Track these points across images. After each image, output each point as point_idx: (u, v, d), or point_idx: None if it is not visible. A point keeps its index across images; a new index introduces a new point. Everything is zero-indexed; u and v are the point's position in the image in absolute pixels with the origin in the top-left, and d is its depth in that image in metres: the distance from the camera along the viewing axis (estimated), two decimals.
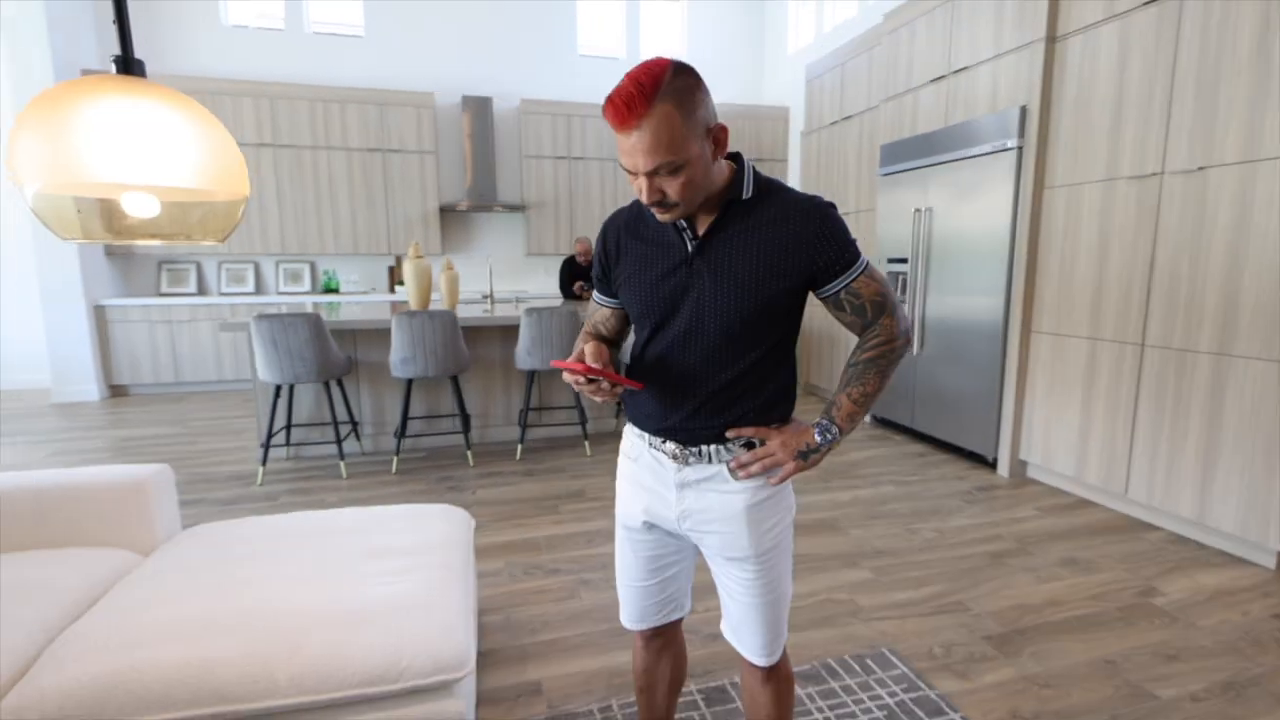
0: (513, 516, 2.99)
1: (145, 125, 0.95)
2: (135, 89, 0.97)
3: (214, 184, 0.93)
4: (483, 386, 4.12)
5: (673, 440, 1.10)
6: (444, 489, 3.35)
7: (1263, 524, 2.41)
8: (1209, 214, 2.51)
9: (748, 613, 1.14)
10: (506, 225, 6.66)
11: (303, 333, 3.23)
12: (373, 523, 1.85)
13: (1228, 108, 2.42)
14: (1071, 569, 2.47)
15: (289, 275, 6.27)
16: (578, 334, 3.70)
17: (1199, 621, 2.12)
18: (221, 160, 0.97)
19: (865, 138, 4.55)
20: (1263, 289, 2.36)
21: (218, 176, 0.95)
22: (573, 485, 3.40)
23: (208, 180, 0.94)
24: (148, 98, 0.96)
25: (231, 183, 0.96)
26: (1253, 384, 2.40)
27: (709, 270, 1.04)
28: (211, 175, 0.94)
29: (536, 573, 2.46)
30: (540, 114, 6.26)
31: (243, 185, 0.98)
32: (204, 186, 0.93)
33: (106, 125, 0.93)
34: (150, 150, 0.94)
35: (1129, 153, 2.78)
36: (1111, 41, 2.82)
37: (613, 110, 0.91)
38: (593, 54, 6.66)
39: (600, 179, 6.54)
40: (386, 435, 3.97)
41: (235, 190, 0.97)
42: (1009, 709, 1.72)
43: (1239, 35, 2.37)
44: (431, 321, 3.39)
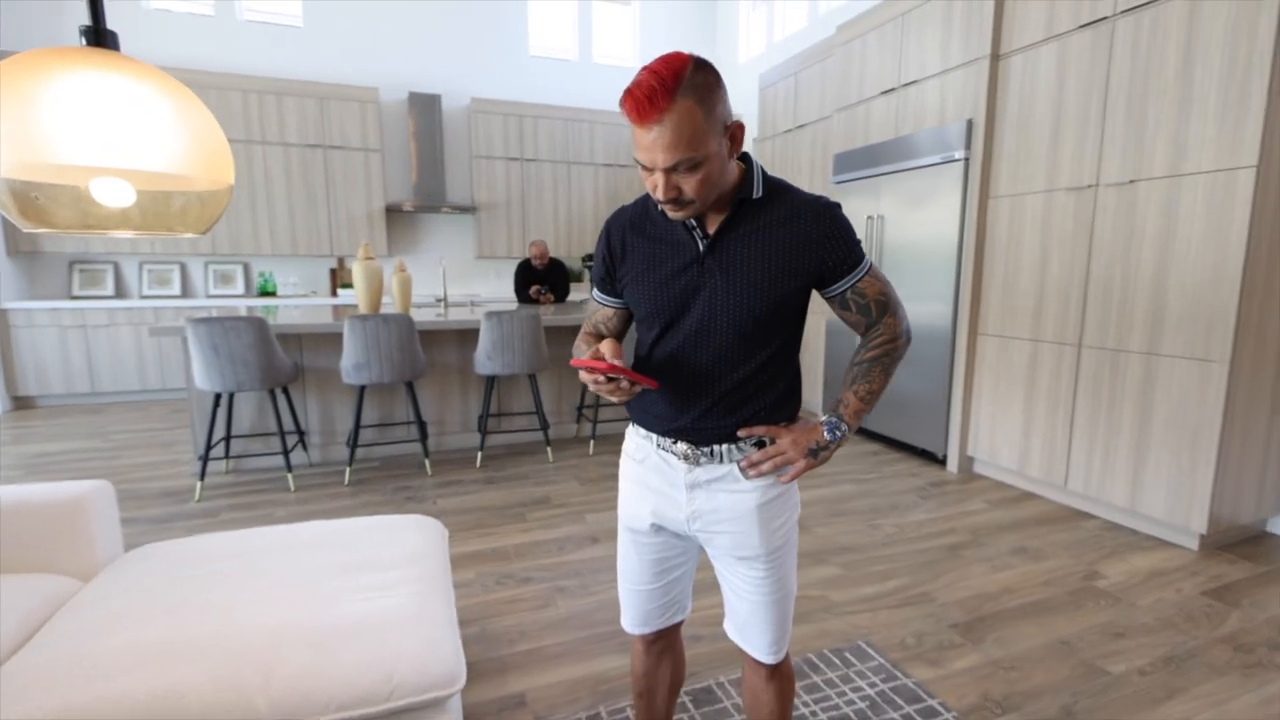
0: (478, 526, 2.90)
1: (119, 103, 0.86)
2: (108, 63, 0.88)
3: (196, 170, 0.86)
4: (439, 393, 3.99)
5: (684, 441, 1.09)
6: (402, 499, 3.22)
7: (1187, 509, 2.61)
8: (1139, 224, 2.71)
9: (756, 611, 1.14)
10: (456, 227, 6.49)
11: (246, 337, 3.04)
12: (341, 536, 1.76)
13: (1155, 125, 2.62)
14: (1022, 557, 2.61)
15: (220, 277, 5.91)
16: (539, 338, 3.65)
17: (1138, 601, 2.27)
18: (204, 144, 0.89)
19: (819, 146, 4.69)
20: (1186, 294, 2.56)
21: (200, 162, 0.87)
22: (537, 492, 3.34)
23: (189, 166, 0.86)
24: (122, 73, 0.88)
25: (215, 169, 0.89)
26: (1178, 381, 2.60)
27: (721, 269, 1.04)
28: (193, 160, 0.86)
29: (509, 582, 2.40)
30: (491, 113, 6.15)
31: (227, 172, 0.91)
32: (185, 172, 0.85)
33: (75, 101, 0.85)
34: (125, 131, 0.86)
35: (1067, 165, 2.97)
36: (1051, 61, 3.01)
37: (632, 103, 0.90)
38: (544, 55, 6.60)
39: (553, 181, 6.48)
40: (336, 445, 3.79)
41: (219, 177, 0.90)
42: (980, 693, 1.79)
43: (1165, 57, 2.57)
44: (387, 325, 3.26)
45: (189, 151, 0.87)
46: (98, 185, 0.88)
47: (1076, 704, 1.74)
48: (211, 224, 0.95)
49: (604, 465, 3.78)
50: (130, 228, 0.90)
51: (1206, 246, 2.49)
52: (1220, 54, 2.41)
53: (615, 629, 2.09)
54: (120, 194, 0.89)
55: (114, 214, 0.89)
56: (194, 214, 0.93)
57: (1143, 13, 2.65)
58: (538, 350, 3.67)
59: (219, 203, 0.95)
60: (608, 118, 6.58)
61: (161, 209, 0.92)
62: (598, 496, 3.27)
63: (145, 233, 0.92)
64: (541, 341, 3.68)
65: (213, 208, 0.94)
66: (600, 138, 6.60)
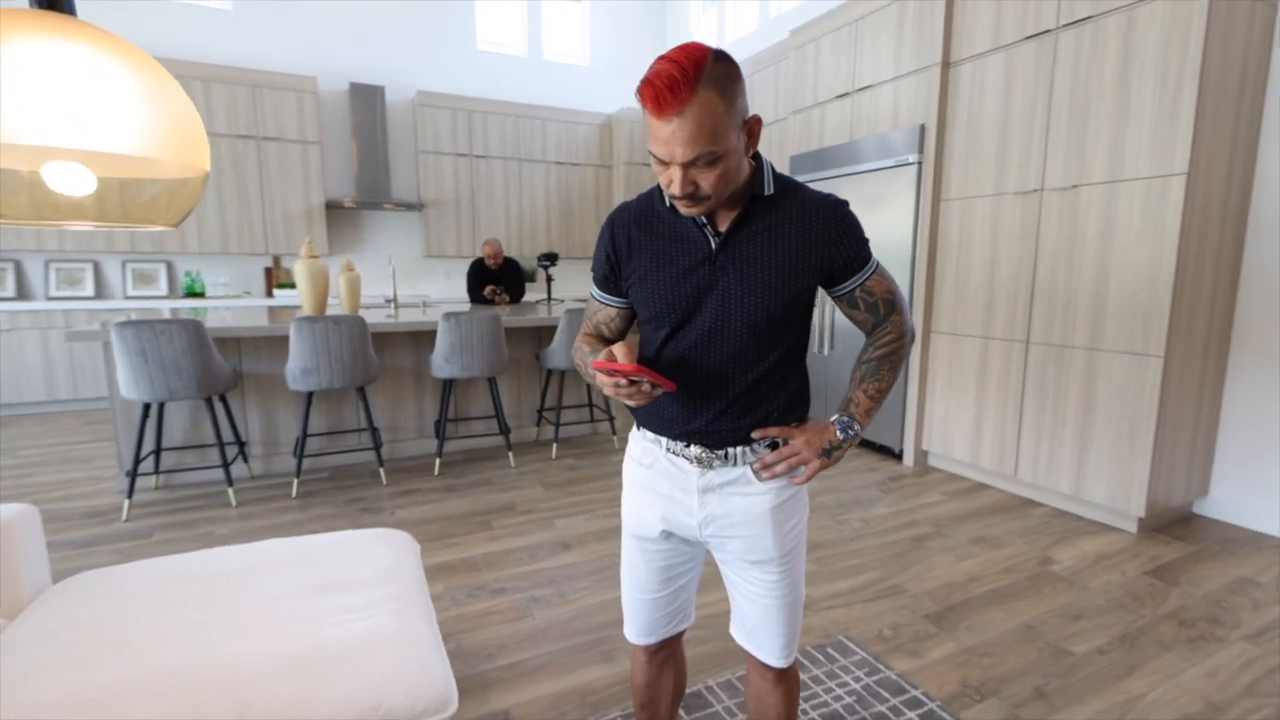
0: (442, 536, 2.78)
1: (77, 74, 0.76)
2: (64, 28, 0.77)
3: (167, 153, 0.76)
4: (392, 398, 3.82)
5: (697, 444, 1.06)
6: (357, 511, 3.06)
7: (1127, 495, 2.77)
8: (1081, 227, 2.86)
9: (769, 615, 1.12)
10: (402, 225, 6.25)
11: (180, 342, 2.82)
12: (306, 555, 1.64)
13: (1095, 133, 2.78)
14: (982, 546, 2.71)
15: (139, 277, 5.48)
16: (499, 340, 3.55)
17: (1089, 584, 2.40)
18: (176, 124, 0.79)
19: (774, 148, 4.75)
20: (1124, 292, 2.72)
21: (172, 144, 0.77)
22: (501, 499, 3.24)
23: (159, 148, 0.76)
24: (80, 40, 0.77)
25: (189, 153, 0.79)
26: (1118, 374, 2.77)
27: (735, 267, 1.01)
28: (164, 142, 0.76)
29: (481, 594, 2.31)
30: (439, 107, 5.95)
31: (202, 157, 0.81)
32: (154, 156, 0.75)
33: (25, 71, 0.73)
34: (84, 106, 0.75)
35: (1014, 170, 3.11)
36: (998, 70, 3.14)
37: (653, 94, 0.86)
38: (493, 50, 6.44)
39: (504, 179, 6.33)
40: (280, 456, 3.57)
41: (193, 162, 0.80)
42: (959, 680, 1.84)
43: (1104, 70, 2.73)
44: (338, 328, 3.09)
45: (159, 132, 0.76)
46: (52, 170, 0.77)
47: (1048, 685, 1.81)
48: (184, 215, 0.85)
49: (568, 469, 3.71)
50: (89, 219, 0.79)
51: (1142, 248, 2.65)
52: (1153, 69, 2.57)
53: (597, 638, 2.04)
54: (78, 180, 0.78)
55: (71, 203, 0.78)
56: (164, 204, 0.83)
57: (1083, 27, 2.80)
58: (498, 352, 3.56)
59: (193, 192, 0.84)
60: (560, 115, 6.49)
61: (127, 198, 0.81)
62: (565, 501, 3.20)
63: (107, 225, 0.81)
64: (502, 343, 3.58)
65: (186, 197, 0.84)
66: (552, 135, 6.50)
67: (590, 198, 6.81)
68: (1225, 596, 2.29)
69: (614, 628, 2.09)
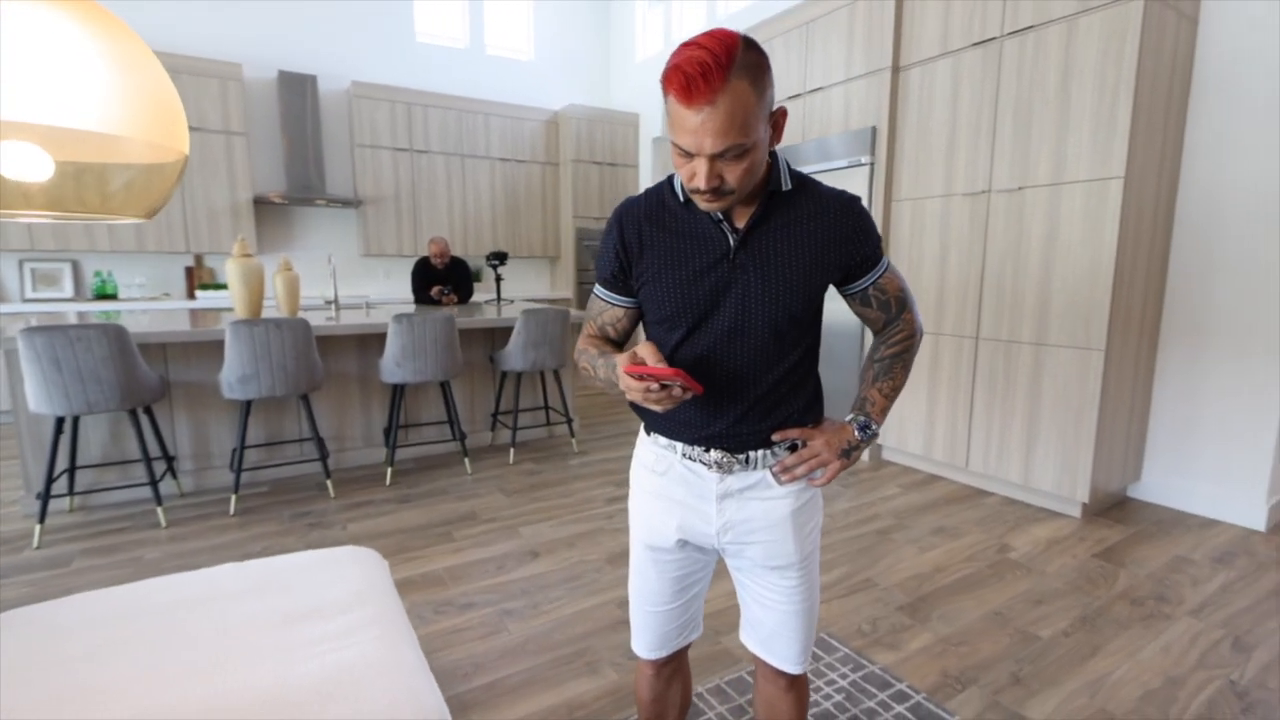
0: (400, 550, 2.63)
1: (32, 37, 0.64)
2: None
3: (139, 131, 0.64)
4: (336, 405, 3.60)
5: (718, 448, 1.02)
6: (304, 527, 2.86)
7: (1072, 482, 2.92)
8: (1026, 227, 2.99)
9: (787, 621, 1.08)
10: (337, 222, 5.93)
11: (100, 349, 2.55)
12: (265, 580, 1.50)
13: (1039, 137, 2.91)
14: (942, 536, 2.79)
15: (40, 278, 4.97)
16: (454, 342, 3.40)
17: (1045, 568, 2.51)
18: (151, 98, 0.68)
19: None
20: (1067, 289, 2.86)
21: (146, 121, 0.66)
22: (460, 508, 3.10)
23: (129, 124, 0.65)
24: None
25: (165, 132, 0.68)
26: (1063, 368, 2.91)
27: (755, 265, 0.97)
28: (135, 118, 0.65)
29: (449, 610, 2.19)
30: (376, 99, 5.68)
31: (180, 137, 0.70)
32: (124, 133, 0.64)
33: None
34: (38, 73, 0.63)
35: (962, 172, 3.23)
36: (946, 75, 3.25)
37: (683, 81, 0.81)
38: (432, 41, 6.20)
39: (446, 175, 6.11)
40: (213, 470, 3.30)
41: (170, 143, 0.69)
42: (939, 670, 1.87)
43: (1046, 77, 2.86)
44: (279, 332, 2.88)
45: (129, 105, 0.65)
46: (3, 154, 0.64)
47: (1022, 670, 1.87)
48: (160, 204, 0.73)
49: (528, 474, 3.60)
50: (47, 208, 0.67)
51: (1084, 247, 2.80)
52: (1092, 77, 2.71)
53: (578, 649, 1.96)
54: (31, 163, 0.65)
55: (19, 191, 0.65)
56: (137, 192, 0.70)
57: (1026, 36, 2.92)
58: (452, 355, 3.42)
59: (168, 178, 0.72)
60: (504, 110, 6.32)
61: (90, 185, 0.68)
62: (528, 508, 3.10)
63: (68, 216, 0.69)
64: (456, 345, 3.43)
65: (161, 184, 0.72)
66: (496, 130, 6.32)
67: (536, 195, 6.67)
68: (1167, 575, 2.44)
69: (595, 637, 2.03)
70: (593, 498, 3.23)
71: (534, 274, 7.12)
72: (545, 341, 3.71)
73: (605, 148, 6.63)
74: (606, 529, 2.85)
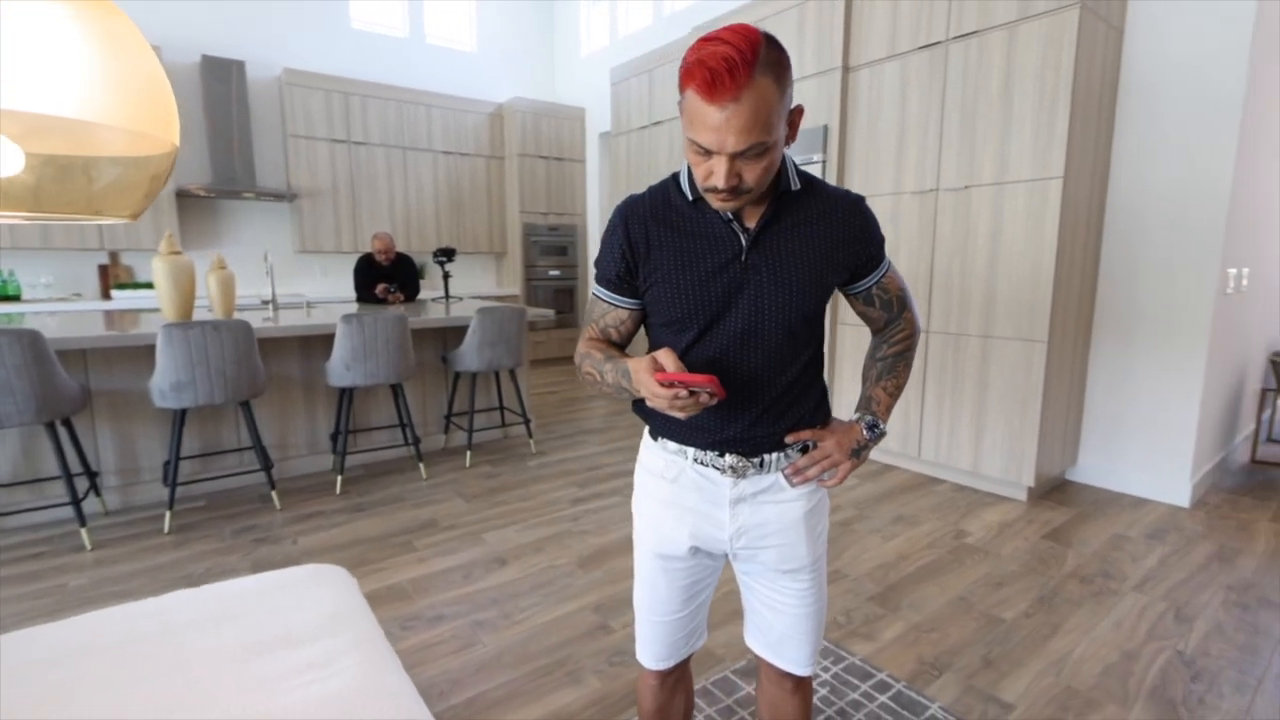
0: (359, 563, 2.50)
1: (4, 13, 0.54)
2: None
3: (127, 120, 0.56)
4: (279, 411, 3.39)
5: (732, 452, 0.99)
6: (249, 543, 2.67)
7: (1018, 467, 3.07)
8: (973, 225, 3.12)
9: (798, 624, 1.07)
10: (269, 216, 5.59)
11: (12, 357, 2.30)
12: (224, 607, 1.38)
13: (984, 138, 3.03)
14: (902, 525, 2.88)
15: None
16: (406, 342, 3.25)
17: (1000, 551, 2.62)
18: (139, 82, 0.58)
19: (677, 144, 4.77)
20: (1012, 284, 3.00)
21: (132, 110, 0.57)
22: (420, 515, 2.97)
23: (115, 112, 0.56)
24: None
25: (155, 120, 0.59)
26: (1009, 359, 3.05)
27: (767, 265, 0.95)
28: (120, 104, 0.56)
29: (417, 625, 2.09)
30: (310, 88, 5.38)
31: (170, 128, 0.61)
32: (107, 120, 0.55)
33: None
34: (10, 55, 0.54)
35: (911, 171, 3.33)
36: (895, 76, 3.34)
37: (708, 77, 0.78)
38: (369, 29, 5.93)
39: (387, 168, 5.86)
40: (141, 485, 3.04)
41: (160, 134, 0.59)
42: (915, 657, 1.92)
43: (990, 81, 2.98)
44: (218, 335, 2.67)
45: (114, 91, 0.56)
46: None
47: (991, 653, 1.94)
48: (146, 203, 0.64)
49: (486, 478, 3.49)
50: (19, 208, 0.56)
51: (1027, 244, 2.93)
52: (1033, 81, 2.84)
53: (558, 658, 1.91)
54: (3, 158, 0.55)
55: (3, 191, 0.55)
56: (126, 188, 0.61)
57: (970, 40, 3.04)
58: (405, 356, 3.27)
59: (157, 172, 0.63)
60: (446, 101, 6.11)
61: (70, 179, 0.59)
62: (490, 513, 3.01)
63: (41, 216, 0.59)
64: (409, 346, 3.29)
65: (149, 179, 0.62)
66: (439, 123, 6.11)
67: (482, 190, 6.50)
68: (1109, 552, 2.59)
69: (573, 645, 1.98)
70: (556, 500, 3.17)
71: (480, 270, 6.94)
72: (502, 340, 3.61)
73: (552, 142, 6.51)
74: (573, 531, 2.80)
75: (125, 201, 0.61)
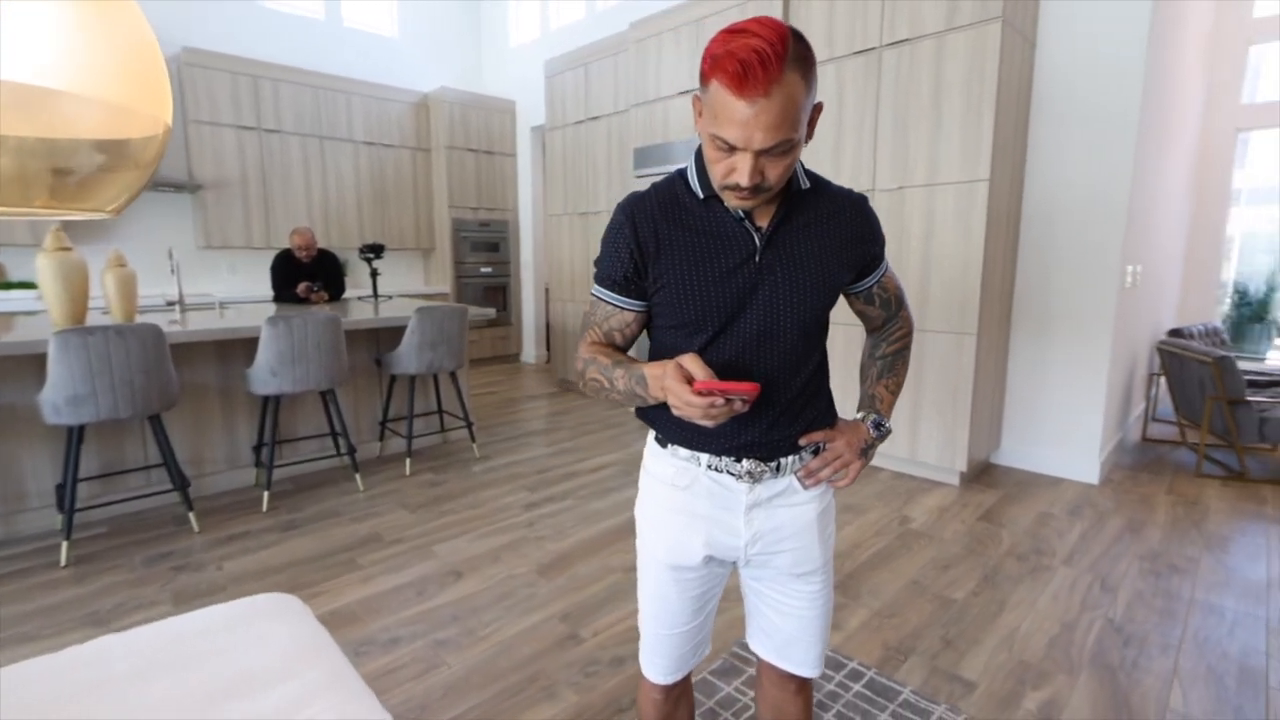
0: (298, 586, 2.31)
1: None
2: None
3: (109, 91, 0.46)
4: (192, 423, 3.09)
5: (750, 457, 0.97)
6: (166, 572, 2.41)
7: (952, 453, 3.25)
8: (907, 224, 3.26)
9: (808, 627, 1.07)
10: (169, 209, 5.09)
11: None
12: (165, 650, 1.23)
13: (916, 141, 3.17)
14: (851, 514, 2.98)
15: None
16: (340, 345, 3.04)
17: (942, 535, 2.76)
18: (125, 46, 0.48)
19: (615, 139, 4.72)
20: (945, 281, 3.16)
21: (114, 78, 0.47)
22: (360, 530, 2.79)
23: (92, 81, 0.46)
24: None
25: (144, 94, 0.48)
26: (942, 352, 3.22)
27: (781, 265, 0.94)
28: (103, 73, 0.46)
29: (372, 650, 1.95)
30: (214, 69, 4.93)
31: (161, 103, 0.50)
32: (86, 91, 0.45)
33: None
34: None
35: (848, 171, 3.44)
36: (831, 80, 3.44)
37: (738, 69, 0.75)
38: (281, 9, 5.51)
39: (304, 158, 5.47)
40: (26, 514, 2.69)
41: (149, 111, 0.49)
42: (881, 644, 1.98)
43: (921, 86, 3.12)
44: (123, 341, 2.39)
45: (88, 53, 0.46)
46: None
47: (949, 633, 2.03)
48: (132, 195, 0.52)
49: (428, 486, 3.33)
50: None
51: (956, 242, 3.10)
52: (960, 89, 3.00)
53: (530, 674, 1.83)
54: None
55: None
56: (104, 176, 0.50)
57: (903, 48, 3.17)
58: (338, 360, 3.06)
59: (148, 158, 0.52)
60: (367, 89, 5.78)
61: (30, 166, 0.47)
62: (437, 523, 2.86)
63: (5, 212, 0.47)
64: (343, 349, 3.08)
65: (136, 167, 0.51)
66: (360, 111, 5.77)
67: (407, 183, 6.20)
68: (1037, 530, 2.78)
69: (544, 659, 1.91)
70: (507, 505, 3.06)
71: (406, 267, 6.62)
72: (443, 341, 3.44)
73: (481, 135, 6.30)
74: (530, 538, 2.71)
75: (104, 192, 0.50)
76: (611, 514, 2.95)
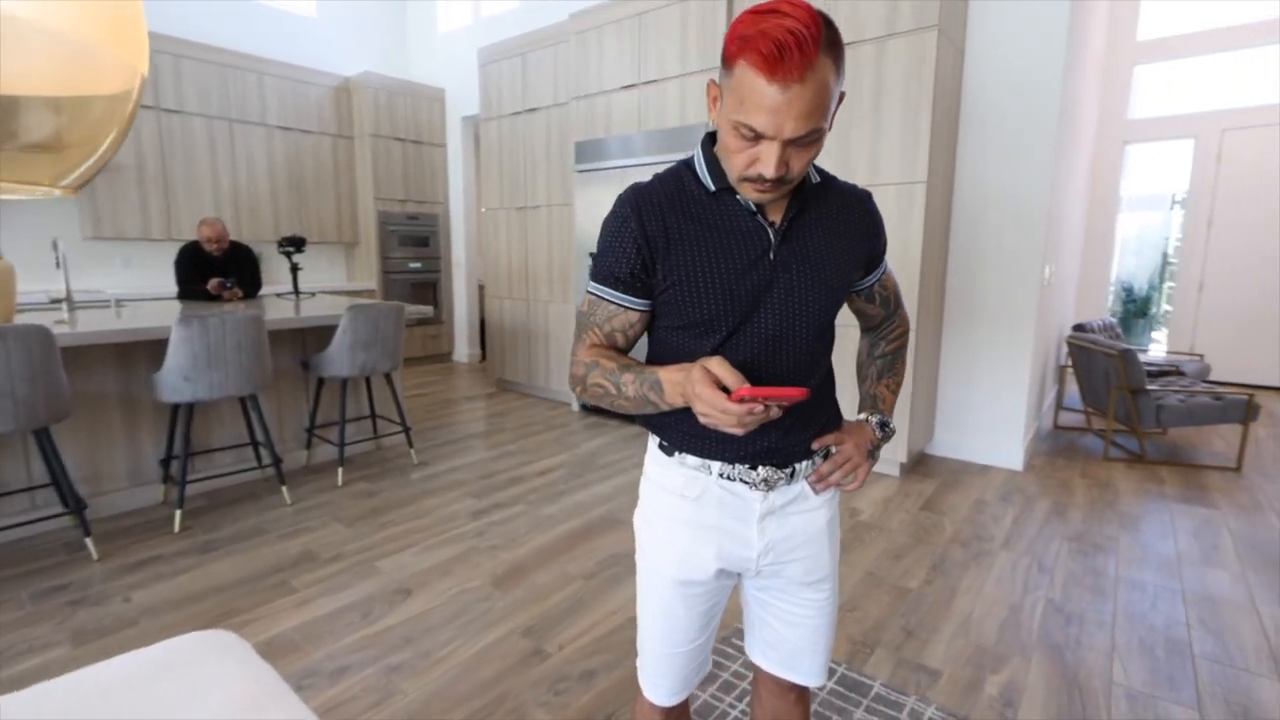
0: (226, 615, 2.09)
1: None
2: None
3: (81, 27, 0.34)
4: (88, 436, 2.74)
5: (765, 464, 0.92)
6: (62, 608, 2.13)
7: (894, 445, 3.37)
8: None
9: (814, 636, 1.04)
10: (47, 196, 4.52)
11: None
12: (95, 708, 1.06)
13: (859, 143, 3.25)
14: None
15: None
16: (263, 347, 2.78)
17: (890, 525, 2.84)
18: None
19: (555, 132, 4.59)
20: None
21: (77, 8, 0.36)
22: (290, 549, 2.57)
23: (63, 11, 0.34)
24: None
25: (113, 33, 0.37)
26: None
27: (796, 262, 0.90)
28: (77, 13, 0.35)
29: (317, 681, 1.78)
30: None
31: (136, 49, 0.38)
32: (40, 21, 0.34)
33: None
34: None
35: None
36: None
37: (773, 51, 0.70)
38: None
39: (210, 142, 5.01)
40: None
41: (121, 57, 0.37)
42: (846, 638, 2.01)
43: (863, 90, 3.20)
44: (4, 346, 2.08)
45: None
46: None
47: (909, 622, 2.09)
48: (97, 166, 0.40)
49: (364, 496, 3.11)
50: None
51: (898, 240, 3.20)
52: (899, 93, 3.09)
53: (496, 696, 1.73)
54: None
55: None
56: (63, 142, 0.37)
57: (847, 50, 3.23)
58: (260, 363, 2.80)
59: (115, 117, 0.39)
60: (282, 70, 5.37)
61: None
62: (378, 537, 2.68)
63: None
64: (266, 351, 2.82)
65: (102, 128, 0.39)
66: (274, 94, 5.34)
67: (328, 171, 5.81)
68: (975, 516, 2.92)
69: (508, 678, 1.80)
70: (453, 515, 2.91)
71: (328, 262, 6.22)
72: (378, 341, 3.23)
73: (409, 123, 5.99)
74: (480, 548, 2.58)
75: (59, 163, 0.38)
76: (565, 518, 2.86)
